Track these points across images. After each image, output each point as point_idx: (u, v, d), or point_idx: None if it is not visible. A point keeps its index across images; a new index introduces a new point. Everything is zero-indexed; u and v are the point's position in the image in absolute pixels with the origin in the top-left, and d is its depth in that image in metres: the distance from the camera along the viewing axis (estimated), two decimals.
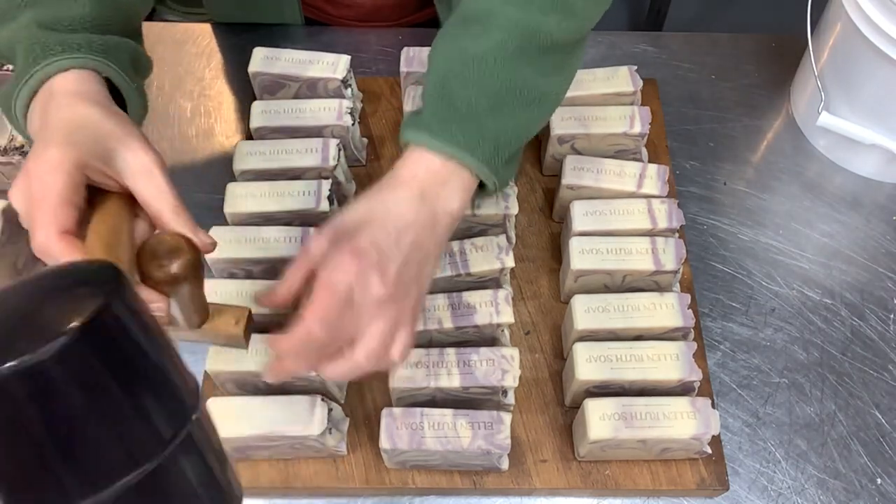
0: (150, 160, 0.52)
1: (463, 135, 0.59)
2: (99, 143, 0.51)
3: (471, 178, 0.61)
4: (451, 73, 0.61)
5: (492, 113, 0.60)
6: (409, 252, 0.57)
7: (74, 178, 0.49)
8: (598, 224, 0.75)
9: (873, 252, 0.85)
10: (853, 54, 0.82)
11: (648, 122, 0.80)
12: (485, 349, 0.68)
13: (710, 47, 1.00)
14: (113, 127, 0.52)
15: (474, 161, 0.60)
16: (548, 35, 0.60)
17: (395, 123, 0.91)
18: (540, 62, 0.61)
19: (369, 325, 0.55)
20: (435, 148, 0.59)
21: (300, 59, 0.84)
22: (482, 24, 0.61)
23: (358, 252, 0.54)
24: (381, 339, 0.55)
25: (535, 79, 0.61)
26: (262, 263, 0.74)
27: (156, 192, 0.51)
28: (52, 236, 0.47)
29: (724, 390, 0.76)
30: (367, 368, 0.56)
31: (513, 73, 0.60)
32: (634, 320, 0.70)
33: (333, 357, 0.56)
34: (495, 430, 0.65)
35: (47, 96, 0.53)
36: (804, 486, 0.72)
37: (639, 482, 0.70)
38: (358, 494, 0.71)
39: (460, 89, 0.60)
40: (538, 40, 0.60)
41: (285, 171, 0.78)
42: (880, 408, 0.75)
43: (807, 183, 0.90)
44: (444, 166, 0.60)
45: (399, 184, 0.59)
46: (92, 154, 0.50)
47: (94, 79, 0.55)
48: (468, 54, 0.60)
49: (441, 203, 0.59)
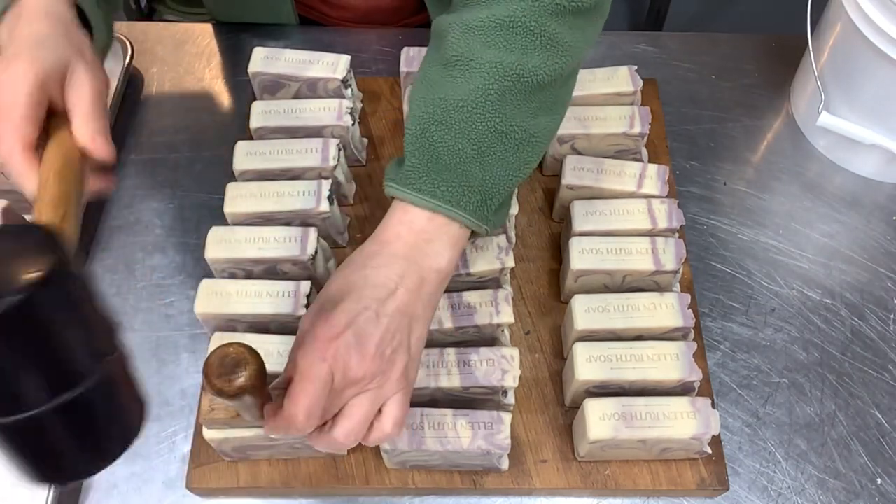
0: (89, 77, 0.54)
1: (448, 187, 0.57)
2: (58, 59, 0.54)
3: (460, 230, 0.59)
4: (433, 121, 0.58)
5: (478, 160, 0.58)
6: (390, 322, 0.55)
7: (37, 95, 0.52)
8: (599, 224, 0.75)
9: (873, 252, 0.85)
10: (853, 54, 0.82)
11: (648, 122, 0.80)
12: (485, 349, 0.68)
13: (710, 47, 1.00)
14: (68, 45, 0.55)
15: (461, 214, 0.58)
16: (533, 75, 0.58)
17: (395, 123, 0.91)
18: (526, 103, 0.59)
19: (349, 406, 0.54)
20: (419, 204, 0.57)
21: (300, 59, 0.84)
22: (462, 69, 0.58)
23: (333, 336, 0.53)
24: (362, 418, 0.54)
25: (522, 120, 0.59)
26: (262, 263, 0.74)
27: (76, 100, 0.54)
28: (16, 149, 0.51)
29: (724, 390, 0.76)
30: (348, 445, 0.55)
31: (497, 117, 0.58)
32: (634, 320, 0.70)
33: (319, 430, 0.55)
34: (495, 430, 0.65)
35: (17, 13, 0.56)
36: (804, 486, 0.72)
37: (639, 482, 0.70)
38: (358, 494, 0.71)
39: (443, 138, 0.58)
40: (523, 81, 0.58)
41: (285, 171, 0.78)
42: (880, 408, 0.75)
43: (807, 183, 0.90)
44: (430, 222, 0.58)
45: (381, 247, 0.58)
46: (52, 68, 0.53)
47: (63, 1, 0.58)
48: (449, 101, 0.58)
49: (428, 262, 0.57)
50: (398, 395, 0.56)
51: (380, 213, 0.84)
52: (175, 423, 0.74)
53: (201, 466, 0.70)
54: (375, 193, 0.86)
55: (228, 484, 0.70)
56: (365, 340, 0.54)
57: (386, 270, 0.56)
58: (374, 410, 0.55)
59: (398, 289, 0.56)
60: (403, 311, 0.56)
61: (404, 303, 0.56)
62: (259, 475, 0.70)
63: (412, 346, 0.57)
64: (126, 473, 0.72)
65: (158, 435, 0.73)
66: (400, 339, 0.55)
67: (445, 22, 0.61)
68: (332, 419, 0.55)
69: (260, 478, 0.70)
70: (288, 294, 0.70)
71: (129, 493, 0.71)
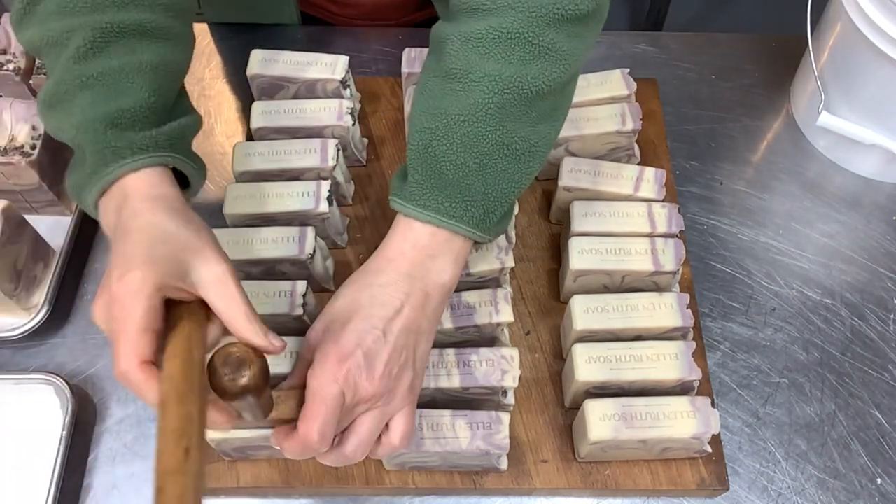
0: (222, 270, 0.53)
1: (451, 202, 0.58)
2: (177, 258, 0.52)
3: (463, 244, 0.60)
4: (435, 136, 0.59)
5: (480, 174, 0.58)
6: (397, 340, 0.56)
7: (154, 302, 0.50)
8: (598, 226, 0.75)
9: (873, 252, 0.85)
10: (853, 54, 0.82)
11: (640, 118, 0.80)
12: (484, 349, 0.68)
13: (710, 47, 1.00)
14: (189, 238, 0.53)
15: (464, 228, 0.59)
16: (532, 85, 0.58)
17: (395, 123, 0.91)
18: (526, 114, 0.59)
19: (358, 423, 0.56)
20: (423, 220, 0.58)
21: (298, 60, 0.84)
22: (461, 82, 0.58)
23: (343, 357, 0.55)
24: (370, 434, 0.56)
25: (522, 131, 0.59)
26: (261, 265, 0.74)
27: (228, 301, 0.53)
28: (133, 366, 0.49)
29: (724, 390, 0.76)
30: (356, 460, 0.57)
31: (498, 130, 0.58)
32: (633, 320, 0.70)
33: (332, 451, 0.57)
34: (494, 430, 0.65)
35: (122, 197, 0.55)
36: (804, 486, 0.72)
37: (639, 482, 0.70)
38: (358, 494, 0.71)
39: (445, 153, 0.58)
40: (522, 92, 0.58)
41: (284, 171, 0.78)
42: (880, 408, 0.75)
43: (807, 183, 0.90)
44: (434, 238, 0.59)
45: (386, 265, 0.59)
46: (170, 272, 0.51)
47: (166, 175, 0.57)
48: (450, 115, 0.58)
49: (432, 277, 0.58)
50: (405, 409, 0.58)
51: (379, 214, 0.85)
52: None
53: None
54: (375, 194, 0.86)
55: (228, 484, 0.70)
56: (374, 361, 0.55)
57: (391, 289, 0.57)
58: (382, 425, 0.57)
59: (404, 307, 0.57)
60: (409, 329, 0.57)
61: (410, 320, 0.57)
62: (259, 475, 0.70)
63: (417, 362, 0.59)
64: (126, 473, 0.72)
65: None
66: (406, 356, 0.57)
67: (444, 32, 0.61)
68: (341, 435, 0.57)
69: (260, 478, 0.70)
70: (284, 294, 0.70)
71: (129, 493, 0.71)
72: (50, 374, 0.74)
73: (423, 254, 0.59)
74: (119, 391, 0.76)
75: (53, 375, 0.73)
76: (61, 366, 0.77)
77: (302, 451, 0.54)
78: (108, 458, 0.73)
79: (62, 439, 0.70)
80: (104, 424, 0.74)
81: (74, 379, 0.76)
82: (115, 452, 0.73)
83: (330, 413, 0.53)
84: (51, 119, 0.58)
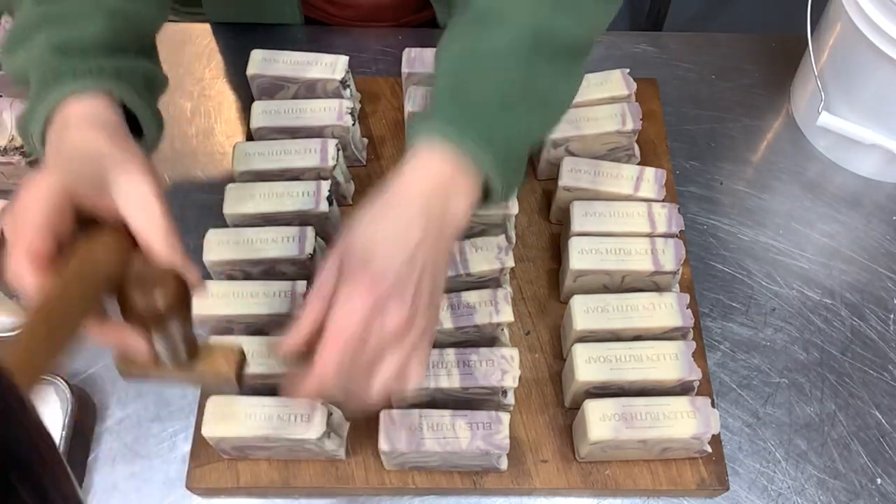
0: (147, 187, 0.50)
1: (476, 132, 0.57)
2: (95, 169, 0.50)
3: (476, 185, 0.58)
4: (464, 69, 0.59)
5: (502, 111, 0.59)
6: (422, 270, 0.54)
7: (58, 203, 0.48)
8: (598, 225, 0.75)
9: (873, 252, 0.85)
10: (853, 54, 0.82)
11: (640, 118, 0.80)
12: (484, 349, 0.68)
13: (710, 47, 1.00)
14: (112, 151, 0.51)
15: (486, 158, 0.57)
16: (559, 36, 0.60)
17: (395, 123, 0.91)
18: (551, 64, 0.60)
19: (387, 360, 0.54)
20: (446, 145, 0.56)
21: (298, 60, 0.84)
22: (496, 22, 0.60)
23: (375, 279, 0.52)
24: (397, 372, 0.54)
25: (545, 80, 0.60)
26: (260, 265, 0.74)
27: (147, 221, 0.50)
28: (22, 262, 0.47)
29: (724, 390, 0.76)
30: (381, 401, 0.55)
31: (526, 70, 0.59)
32: (633, 320, 0.70)
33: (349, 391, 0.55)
34: (494, 430, 0.65)
35: (63, 122, 0.53)
36: (804, 486, 0.72)
37: (639, 482, 0.70)
38: (358, 495, 0.71)
39: (474, 84, 0.58)
40: (551, 40, 0.60)
41: (284, 171, 0.78)
42: (880, 408, 0.75)
43: (807, 183, 0.90)
44: (451, 173, 0.57)
45: (404, 197, 0.57)
46: (84, 180, 0.49)
47: (109, 103, 0.55)
48: (481, 50, 0.59)
49: (449, 213, 0.57)
50: (425, 349, 0.56)
51: None
52: (175, 423, 0.74)
53: (201, 466, 0.70)
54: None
55: (228, 484, 0.70)
56: (405, 285, 0.53)
57: (413, 221, 0.55)
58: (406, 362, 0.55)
59: (424, 239, 0.55)
60: (431, 261, 0.55)
61: (430, 253, 0.55)
62: (259, 475, 0.70)
63: (436, 299, 0.57)
64: (126, 473, 0.72)
65: (158, 435, 0.73)
66: (431, 288, 0.55)
67: None
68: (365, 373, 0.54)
69: (260, 478, 0.70)
70: (284, 294, 0.70)
71: (129, 493, 0.71)
72: (50, 374, 0.74)
73: (440, 188, 0.56)
74: (119, 391, 0.76)
75: (53, 375, 0.73)
76: (61, 366, 0.77)
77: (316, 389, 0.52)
78: (108, 458, 0.73)
79: (62, 439, 0.70)
80: (104, 424, 0.74)
81: (74, 379, 0.76)
82: (115, 452, 0.73)
83: (351, 345, 0.51)
84: (10, 61, 0.58)
